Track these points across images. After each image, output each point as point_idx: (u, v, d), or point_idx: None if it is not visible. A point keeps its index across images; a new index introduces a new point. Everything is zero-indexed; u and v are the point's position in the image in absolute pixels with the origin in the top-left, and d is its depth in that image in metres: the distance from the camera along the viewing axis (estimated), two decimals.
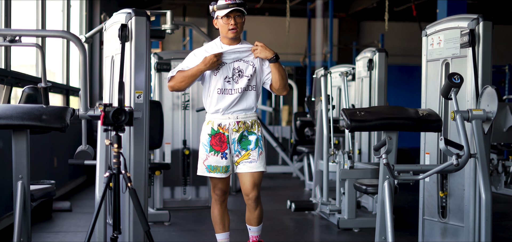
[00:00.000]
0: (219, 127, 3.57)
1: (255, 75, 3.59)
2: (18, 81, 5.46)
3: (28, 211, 3.37)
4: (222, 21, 3.53)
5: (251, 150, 3.58)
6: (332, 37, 12.32)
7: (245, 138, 3.59)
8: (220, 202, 3.68)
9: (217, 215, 3.70)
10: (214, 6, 3.56)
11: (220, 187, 3.65)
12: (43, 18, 6.51)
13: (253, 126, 3.61)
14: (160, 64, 6.01)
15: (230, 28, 3.51)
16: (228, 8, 3.48)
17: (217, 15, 3.54)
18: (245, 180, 3.62)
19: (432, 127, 3.62)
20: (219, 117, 3.58)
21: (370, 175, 5.05)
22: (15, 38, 3.32)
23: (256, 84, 3.61)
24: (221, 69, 3.56)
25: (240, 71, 3.57)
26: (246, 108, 3.59)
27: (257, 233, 3.75)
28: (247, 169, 3.59)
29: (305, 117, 8.56)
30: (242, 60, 3.58)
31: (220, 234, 3.74)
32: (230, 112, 3.57)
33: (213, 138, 3.58)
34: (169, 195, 6.17)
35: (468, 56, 3.84)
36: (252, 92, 3.59)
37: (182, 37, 13.77)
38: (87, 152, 3.67)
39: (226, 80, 3.56)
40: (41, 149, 6.11)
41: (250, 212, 3.71)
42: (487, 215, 3.46)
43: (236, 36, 3.56)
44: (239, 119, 3.58)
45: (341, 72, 6.33)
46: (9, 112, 3.29)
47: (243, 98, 3.57)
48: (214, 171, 3.58)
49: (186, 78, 3.58)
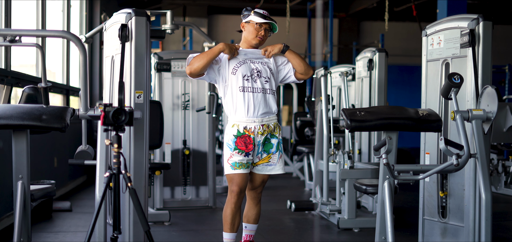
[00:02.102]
0: (245, 130, 3.65)
1: (272, 78, 3.71)
2: (18, 81, 5.46)
3: (28, 211, 3.37)
4: (252, 27, 3.71)
5: (272, 153, 3.72)
6: (332, 37, 12.33)
7: (268, 141, 3.71)
8: (234, 201, 3.70)
9: (229, 214, 3.71)
10: (252, 11, 3.74)
11: (240, 184, 3.67)
12: (43, 18, 6.51)
13: (275, 130, 3.73)
14: (160, 64, 6.01)
15: (259, 36, 3.71)
16: (264, 19, 3.70)
17: (251, 20, 3.71)
18: (256, 179, 3.77)
19: (432, 127, 3.62)
20: (245, 120, 3.65)
21: (370, 175, 5.04)
22: (15, 38, 3.32)
23: (274, 88, 3.72)
24: (240, 68, 3.66)
25: (259, 72, 3.69)
26: (268, 111, 3.69)
27: (252, 232, 3.85)
28: (266, 171, 3.75)
29: (305, 117, 8.57)
30: (260, 62, 3.72)
31: (228, 233, 3.75)
32: (255, 115, 3.65)
33: (239, 139, 3.65)
34: (169, 195, 6.17)
35: (468, 56, 3.84)
36: (272, 95, 3.69)
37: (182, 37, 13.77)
38: (87, 152, 3.67)
39: (245, 78, 3.65)
40: (41, 149, 6.11)
41: (251, 208, 3.82)
42: (487, 215, 3.46)
43: (258, 45, 3.76)
44: (264, 122, 3.67)
45: (341, 72, 6.33)
46: (9, 112, 3.29)
47: (265, 101, 3.67)
48: (240, 167, 3.65)
49: (204, 55, 3.65)
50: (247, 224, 3.83)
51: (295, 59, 3.76)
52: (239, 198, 3.69)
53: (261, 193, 3.83)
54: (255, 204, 3.82)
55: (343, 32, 14.57)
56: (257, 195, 3.81)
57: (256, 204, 3.82)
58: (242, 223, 3.84)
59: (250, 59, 3.71)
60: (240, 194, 3.69)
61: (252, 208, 3.82)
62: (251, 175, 3.77)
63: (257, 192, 3.80)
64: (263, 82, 3.67)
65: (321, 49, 12.70)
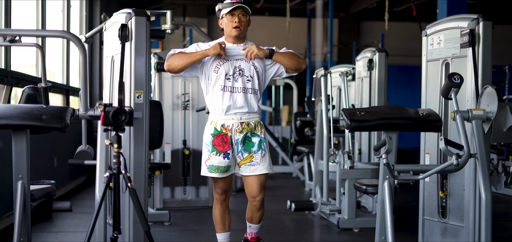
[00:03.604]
0: (222, 128, 3.56)
1: (256, 77, 3.57)
2: (18, 81, 5.46)
3: (28, 211, 3.37)
4: (227, 19, 3.55)
5: (254, 152, 3.58)
6: (332, 37, 12.32)
7: (249, 140, 3.58)
8: (220, 202, 3.69)
9: (218, 214, 3.71)
10: (220, 5, 3.58)
11: (221, 186, 3.65)
12: (43, 18, 6.51)
13: (256, 128, 3.60)
14: (160, 64, 6.01)
15: (234, 26, 3.52)
16: (232, 6, 3.51)
17: (222, 14, 3.56)
18: (251, 183, 3.63)
19: (432, 127, 3.62)
20: (222, 118, 3.56)
21: (370, 175, 5.05)
22: (15, 38, 3.32)
23: (258, 88, 3.58)
24: (222, 66, 3.54)
25: (241, 70, 3.55)
26: (249, 110, 3.57)
27: (256, 230, 3.80)
28: (249, 172, 3.60)
29: (305, 117, 8.56)
30: (244, 60, 3.57)
31: (220, 234, 3.75)
32: (233, 112, 3.55)
33: (216, 138, 3.57)
34: (169, 195, 6.17)
35: (468, 56, 3.84)
36: (253, 95, 3.57)
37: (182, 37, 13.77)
38: (87, 152, 3.67)
39: (227, 77, 3.53)
40: (41, 149, 6.11)
41: (253, 212, 3.73)
42: (487, 215, 3.46)
43: (240, 35, 3.57)
44: (243, 120, 3.56)
45: (341, 72, 6.33)
46: (9, 112, 3.29)
47: (245, 100, 3.55)
48: (216, 171, 3.58)
49: (186, 57, 3.50)
50: (250, 224, 3.78)
51: (283, 59, 3.58)
52: (224, 198, 3.68)
53: (262, 200, 3.68)
54: (257, 210, 3.70)
55: (343, 32, 14.56)
56: (258, 203, 3.67)
57: (257, 210, 3.70)
58: (246, 222, 3.80)
59: (234, 57, 3.56)
60: (224, 195, 3.67)
61: (254, 212, 3.72)
62: (245, 184, 3.66)
63: (258, 201, 3.65)
64: (245, 81, 3.54)
65: (321, 49, 12.69)
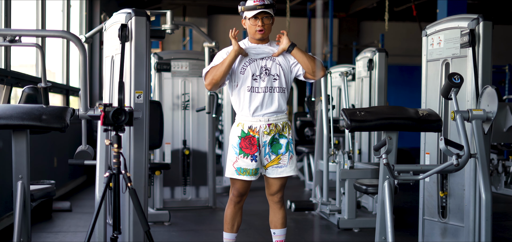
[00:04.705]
0: (250, 130, 3.51)
1: (283, 76, 3.54)
2: (18, 81, 5.46)
3: (28, 211, 3.37)
4: (250, 22, 3.53)
5: (282, 154, 3.54)
6: (332, 37, 12.32)
7: (276, 142, 3.54)
8: (235, 203, 3.64)
9: (230, 214, 3.66)
10: (243, 6, 3.55)
11: (239, 188, 3.59)
12: (43, 18, 6.51)
13: (284, 129, 3.56)
14: (160, 64, 6.01)
15: (258, 29, 3.51)
16: (255, 10, 3.49)
17: (245, 15, 3.54)
18: (273, 182, 3.60)
19: (432, 127, 3.62)
20: (250, 119, 3.52)
21: (370, 175, 5.05)
22: (15, 38, 3.32)
23: (285, 86, 3.55)
24: (249, 67, 3.52)
25: (267, 69, 3.52)
26: (276, 110, 3.53)
27: (282, 237, 3.69)
28: (276, 174, 3.57)
29: (305, 117, 8.57)
30: (269, 59, 3.55)
31: (227, 233, 3.70)
32: (261, 114, 3.51)
33: (243, 141, 3.52)
34: (169, 195, 6.17)
35: (468, 56, 3.84)
36: (280, 94, 3.54)
37: (182, 37, 13.78)
38: (87, 152, 3.67)
39: (253, 78, 3.51)
40: (41, 149, 6.11)
41: (275, 213, 3.67)
42: (487, 215, 3.46)
43: (264, 37, 3.56)
44: (270, 121, 3.52)
45: (341, 72, 6.33)
46: (9, 112, 3.29)
47: (273, 100, 3.52)
48: (244, 173, 3.52)
49: (220, 65, 3.48)
50: (274, 230, 3.69)
51: (302, 58, 3.54)
52: (239, 201, 3.65)
53: (282, 197, 3.66)
54: (278, 208, 3.66)
55: (343, 32, 14.56)
56: (278, 200, 3.64)
57: (279, 209, 3.66)
58: (270, 230, 3.72)
59: (259, 55, 3.54)
60: (240, 198, 3.64)
61: (275, 213, 3.67)
62: (266, 181, 3.64)
63: (278, 197, 3.63)
64: (272, 80, 3.52)
65: (321, 49, 12.69)
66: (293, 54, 3.56)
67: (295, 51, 3.56)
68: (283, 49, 3.55)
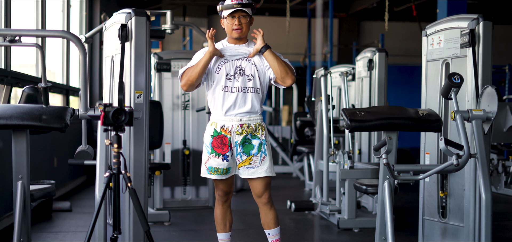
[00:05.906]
0: (222, 129, 3.51)
1: (257, 76, 3.53)
2: (18, 81, 5.46)
3: (28, 211, 3.37)
4: (227, 21, 3.52)
5: (253, 155, 3.52)
6: (332, 37, 12.32)
7: (249, 142, 3.52)
8: (222, 202, 3.68)
9: (219, 214, 3.70)
10: (221, 6, 3.55)
11: (222, 188, 3.64)
12: (43, 18, 6.51)
13: (257, 130, 3.53)
14: (160, 64, 6.01)
15: (234, 28, 3.51)
16: (232, 8, 3.48)
17: (223, 14, 3.54)
18: (254, 184, 3.60)
19: (432, 127, 3.62)
20: (222, 119, 3.52)
21: (370, 175, 5.05)
22: (15, 38, 3.32)
23: (259, 87, 3.54)
24: (224, 66, 3.52)
25: (241, 70, 3.52)
26: (249, 111, 3.52)
27: (277, 237, 3.68)
28: (248, 175, 3.56)
29: (305, 117, 8.56)
30: (245, 59, 3.54)
31: (220, 234, 3.74)
32: (233, 114, 3.50)
33: (215, 140, 3.53)
34: (169, 195, 6.17)
35: (468, 56, 3.84)
36: (254, 94, 3.52)
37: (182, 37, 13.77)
38: (87, 152, 3.67)
39: (228, 78, 3.51)
40: (41, 149, 6.11)
41: (266, 214, 3.65)
42: (487, 215, 3.46)
43: (241, 37, 3.54)
44: (243, 121, 3.51)
45: (341, 72, 6.33)
46: (9, 112, 3.29)
47: (246, 100, 3.51)
48: (215, 172, 3.55)
49: (196, 66, 3.50)
50: (268, 230, 3.67)
51: (273, 62, 3.50)
52: (226, 200, 3.68)
53: (269, 198, 3.63)
54: (268, 209, 3.63)
55: (343, 32, 14.56)
56: (266, 201, 3.61)
57: (269, 209, 3.63)
58: (264, 231, 3.70)
59: (235, 56, 3.54)
60: (226, 197, 3.66)
61: (266, 214, 3.64)
62: (250, 184, 3.64)
63: (265, 198, 3.61)
64: (246, 80, 3.50)
65: (321, 49, 12.69)
66: (265, 55, 3.52)
67: (267, 53, 3.52)
68: (257, 50, 3.53)
